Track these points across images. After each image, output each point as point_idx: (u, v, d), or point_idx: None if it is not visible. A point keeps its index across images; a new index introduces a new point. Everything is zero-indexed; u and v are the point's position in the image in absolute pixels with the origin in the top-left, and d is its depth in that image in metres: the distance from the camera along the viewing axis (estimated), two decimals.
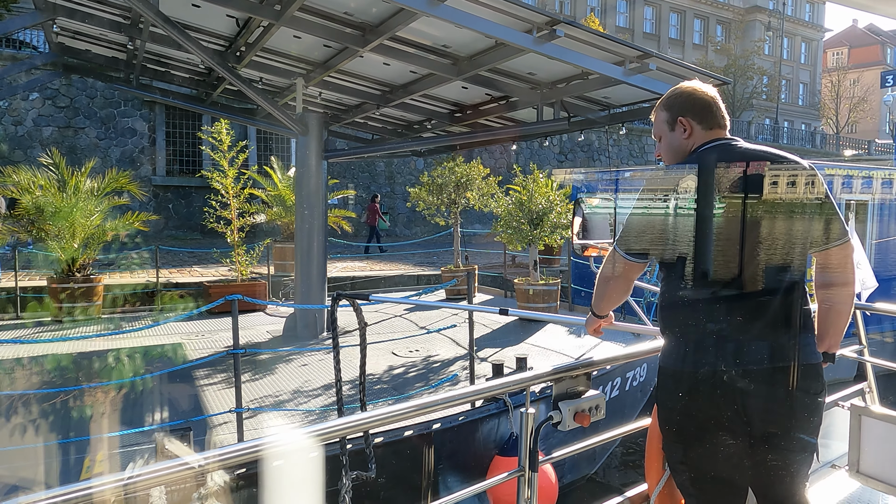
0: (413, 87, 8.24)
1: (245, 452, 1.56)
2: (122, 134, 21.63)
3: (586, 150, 30.81)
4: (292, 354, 7.61)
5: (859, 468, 3.14)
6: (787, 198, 2.06)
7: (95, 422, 5.11)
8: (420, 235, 23.31)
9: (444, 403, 2.17)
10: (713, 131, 2.19)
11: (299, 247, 8.61)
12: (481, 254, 17.84)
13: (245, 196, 11.34)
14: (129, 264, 12.85)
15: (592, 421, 2.27)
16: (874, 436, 3.09)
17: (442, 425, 5.25)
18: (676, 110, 2.21)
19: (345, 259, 16.91)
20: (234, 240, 11.14)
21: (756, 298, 2.03)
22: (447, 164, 11.18)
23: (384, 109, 9.75)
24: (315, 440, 1.67)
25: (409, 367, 7.17)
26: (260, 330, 9.04)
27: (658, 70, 6.53)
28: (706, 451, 2.12)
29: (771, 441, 2.05)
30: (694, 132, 2.19)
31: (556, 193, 9.52)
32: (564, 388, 2.30)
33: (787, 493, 2.14)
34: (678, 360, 2.11)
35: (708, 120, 2.19)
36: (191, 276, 13.61)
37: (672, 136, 2.24)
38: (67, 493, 1.28)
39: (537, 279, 9.47)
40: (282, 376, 6.76)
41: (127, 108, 21.81)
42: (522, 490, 2.20)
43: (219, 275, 13.06)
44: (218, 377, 6.64)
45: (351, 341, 8.37)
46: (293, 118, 8.26)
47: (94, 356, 7.30)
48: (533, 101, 7.91)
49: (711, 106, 2.19)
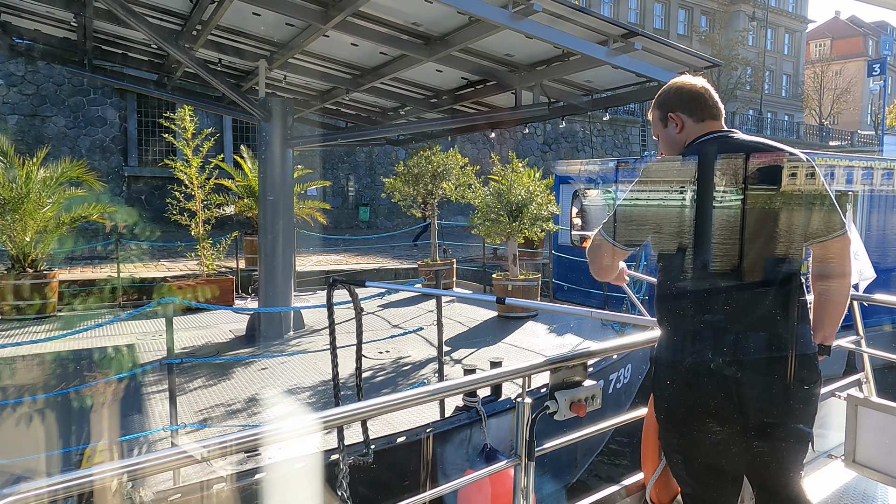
0: (384, 70, 7.72)
1: (247, 440, 1.57)
2: (92, 123, 20.82)
3: (570, 141, 30.39)
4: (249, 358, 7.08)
5: (855, 458, 3.13)
6: (785, 190, 2.03)
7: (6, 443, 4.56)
8: (401, 227, 22.78)
9: (444, 392, 2.15)
10: (705, 123, 2.18)
11: (263, 240, 8.08)
12: (462, 247, 17.35)
13: (211, 186, 10.75)
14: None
15: (589, 410, 2.28)
16: (870, 426, 3.09)
17: (407, 438, 4.77)
18: (666, 107, 2.23)
19: (320, 252, 16.36)
20: (199, 232, 10.56)
21: (753, 289, 2.04)
22: (423, 153, 10.66)
23: (356, 95, 9.23)
24: (316, 427, 1.71)
25: (376, 371, 6.68)
26: (223, 329, 8.51)
27: (644, 50, 6.06)
28: (701, 439, 2.12)
29: (766, 431, 2.06)
30: (686, 126, 2.19)
31: (536, 184, 9.04)
32: (561, 379, 2.30)
33: (782, 483, 2.15)
34: (674, 350, 2.11)
35: (699, 112, 2.18)
36: (157, 270, 13.02)
37: (666, 133, 2.25)
38: (69, 481, 1.30)
39: (516, 274, 9.01)
40: (237, 383, 6.24)
41: (97, 95, 21.00)
42: (519, 479, 2.18)
43: (187, 269, 12.49)
44: (163, 385, 6.09)
45: (320, 342, 7.88)
46: (255, 103, 7.71)
47: (28, 361, 6.72)
48: (511, 85, 7.42)
49: (700, 98, 2.19)
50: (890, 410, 3.02)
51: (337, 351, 4.14)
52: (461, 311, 9.53)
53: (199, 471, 4.25)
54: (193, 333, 8.25)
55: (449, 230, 21.60)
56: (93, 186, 10.57)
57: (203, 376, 6.31)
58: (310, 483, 4.22)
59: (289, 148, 8.07)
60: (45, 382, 5.94)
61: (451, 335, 8.11)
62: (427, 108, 9.14)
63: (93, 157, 20.35)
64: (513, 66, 7.26)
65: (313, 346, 7.58)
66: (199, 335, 8.15)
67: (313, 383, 6.18)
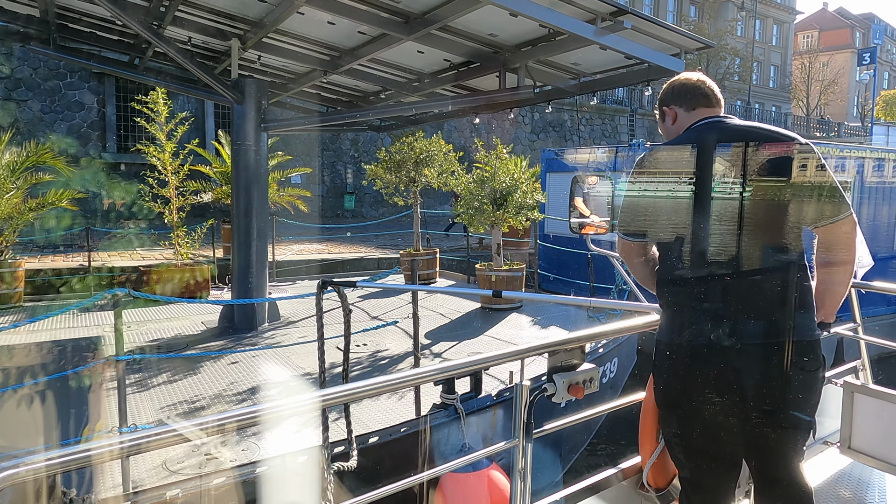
0: (362, 51, 7.37)
1: (244, 418, 1.58)
2: (69, 108, 20.25)
3: (558, 130, 30.12)
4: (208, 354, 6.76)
5: (851, 444, 3.16)
6: (788, 175, 1.99)
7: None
8: (387, 216, 22.44)
9: (436, 373, 2.12)
10: (697, 111, 2.20)
11: (236, 228, 7.74)
12: (448, 236, 17.05)
13: (185, 173, 10.37)
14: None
15: (587, 393, 2.29)
16: (866, 412, 3.11)
17: (380, 438, 4.49)
18: (662, 102, 2.30)
19: (302, 241, 16.02)
20: (174, 220, 10.18)
21: (754, 275, 2.01)
22: (406, 139, 10.33)
23: (335, 78, 8.87)
24: (313, 405, 1.74)
25: (353, 365, 6.38)
26: (195, 320, 8.18)
27: (634, 30, 5.77)
28: (700, 424, 2.11)
29: (766, 417, 2.04)
30: (678, 117, 2.24)
31: (521, 171, 8.75)
32: (559, 361, 2.32)
33: (781, 470, 2.14)
34: (675, 334, 2.10)
35: (689, 101, 2.21)
36: (131, 259, 12.63)
37: (665, 127, 2.30)
38: (67, 455, 1.29)
39: (500, 264, 8.73)
40: (203, 378, 5.93)
41: (73, 79, 20.42)
42: (517, 460, 2.17)
43: (162, 258, 12.12)
44: (133, 377, 5.77)
45: (295, 334, 7.57)
46: (227, 84, 7.35)
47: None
48: (495, 67, 7.10)
49: (691, 88, 2.22)
50: (886, 397, 3.04)
51: (349, 341, 4.06)
52: (444, 302, 9.25)
53: (154, 474, 3.96)
54: (164, 325, 7.92)
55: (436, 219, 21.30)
56: (63, 172, 10.17)
57: (167, 372, 5.98)
58: (293, 482, 3.99)
59: (263, 132, 7.72)
60: None
61: (433, 328, 7.84)
62: (409, 92, 8.80)
63: (70, 142, 19.83)
64: (497, 47, 6.94)
65: (287, 338, 7.27)
66: (169, 327, 7.82)
67: (283, 378, 5.89)
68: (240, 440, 4.46)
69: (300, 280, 11.64)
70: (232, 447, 4.35)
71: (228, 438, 4.44)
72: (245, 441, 4.44)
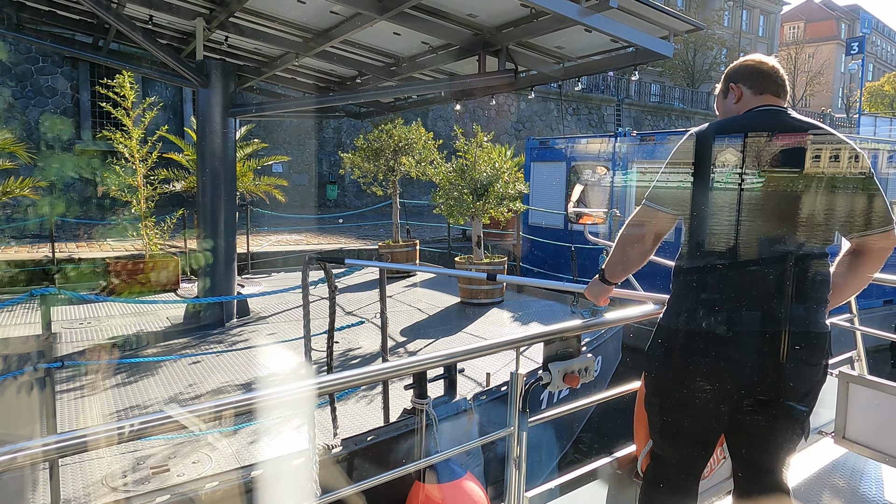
0: (335, 32, 6.97)
1: (241, 404, 1.57)
2: (41, 93, 19.61)
3: (544, 119, 29.80)
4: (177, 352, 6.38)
5: (845, 434, 3.19)
6: (836, 176, 1.96)
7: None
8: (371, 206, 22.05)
9: (426, 363, 2.09)
10: (764, 96, 2.12)
11: (202, 219, 7.35)
12: (430, 227, 16.69)
13: (154, 160, 9.92)
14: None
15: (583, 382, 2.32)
16: (861, 403, 3.13)
17: (344, 448, 4.15)
18: (730, 78, 2.22)
19: (280, 232, 15.60)
20: (141, 210, 9.74)
21: (785, 266, 1.96)
22: (385, 126, 9.93)
23: (310, 62, 8.46)
24: (311, 391, 1.69)
25: (322, 365, 6.02)
26: (160, 315, 7.78)
27: (620, 10, 5.42)
28: (687, 406, 2.08)
29: (761, 407, 2.03)
30: (744, 96, 2.15)
31: (503, 161, 8.40)
32: (555, 350, 2.31)
33: (767, 465, 2.14)
34: (678, 317, 2.08)
35: (759, 85, 2.13)
36: (100, 250, 12.17)
37: (725, 104, 2.23)
38: (64, 440, 1.29)
39: (481, 257, 8.39)
40: (161, 380, 5.56)
41: (46, 64, 19.77)
42: (513, 448, 2.17)
43: (133, 250, 11.68)
44: (78, 382, 5.38)
45: (264, 331, 7.20)
46: (191, 66, 6.93)
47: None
48: (475, 49, 6.73)
49: (764, 72, 2.14)
50: (881, 388, 3.06)
51: (334, 320, 4.11)
52: (422, 296, 8.91)
53: (93, 491, 3.60)
54: (125, 321, 7.52)
55: (420, 209, 20.94)
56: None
57: (121, 374, 5.60)
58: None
59: (231, 117, 7.32)
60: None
61: (408, 324, 7.49)
62: (387, 77, 8.41)
63: (42, 129, 19.25)
64: (476, 28, 6.57)
65: (256, 335, 6.91)
66: (130, 323, 7.42)
67: (246, 380, 5.53)
68: (191, 451, 4.10)
69: (276, 272, 11.25)
70: (182, 459, 4.00)
71: (178, 451, 4.08)
72: (197, 453, 4.08)
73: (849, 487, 3.07)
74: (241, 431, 4.42)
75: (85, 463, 3.87)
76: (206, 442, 4.18)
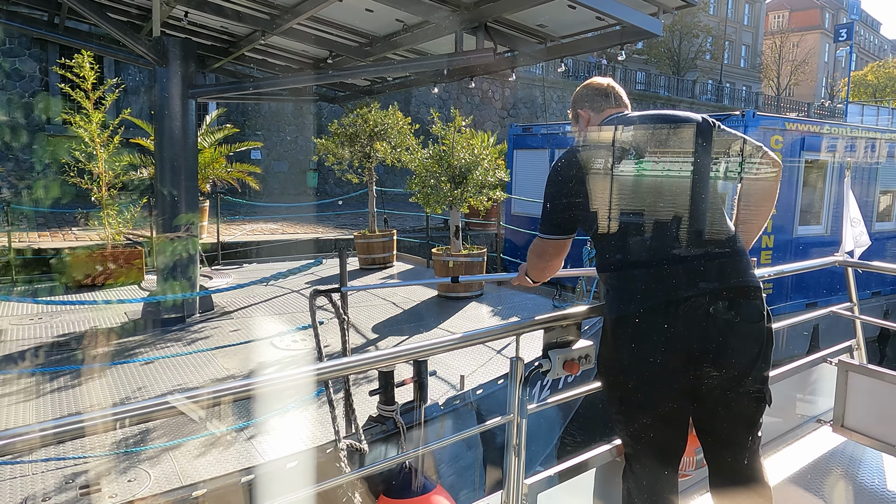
0: (302, 7, 6.51)
1: (239, 391, 1.57)
2: (8, 76, 18.84)
3: (529, 107, 29.40)
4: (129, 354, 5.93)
5: (844, 423, 3.22)
6: (683, 146, 2.12)
7: None
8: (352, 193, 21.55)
9: (432, 349, 2.02)
10: (605, 112, 2.36)
11: (160, 209, 6.88)
12: (410, 216, 16.24)
13: (115, 145, 9.39)
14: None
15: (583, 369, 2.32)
16: (860, 391, 3.16)
17: (301, 464, 3.76)
18: (576, 104, 2.46)
19: (254, 220, 15.10)
20: (103, 198, 9.23)
21: (689, 236, 2.06)
22: (360, 110, 9.47)
23: (279, 41, 7.99)
24: (310, 376, 1.70)
25: (288, 365, 5.62)
26: (117, 310, 7.31)
27: None
28: (644, 388, 2.10)
29: (715, 376, 2.06)
30: (591, 119, 2.39)
31: (484, 147, 7.98)
32: (555, 337, 2.32)
33: (736, 434, 2.16)
34: (626, 305, 2.11)
35: (600, 104, 2.38)
36: (64, 240, 11.63)
37: (579, 128, 2.44)
38: (59, 427, 1.29)
39: (459, 248, 7.99)
40: (109, 382, 5.12)
41: (13, 45, 19.01)
42: (512, 436, 2.17)
43: (98, 239, 11.15)
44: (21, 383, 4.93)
45: (227, 327, 6.78)
46: (146, 43, 6.44)
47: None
48: (452, 27, 6.30)
49: (602, 92, 2.39)
50: (880, 376, 3.08)
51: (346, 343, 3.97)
52: (398, 289, 8.50)
53: None
54: (81, 316, 7.04)
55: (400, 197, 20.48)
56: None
57: (66, 375, 5.15)
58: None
59: (191, 98, 6.84)
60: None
61: (381, 319, 7.09)
62: (360, 58, 7.95)
63: (10, 114, 18.56)
64: (454, 4, 6.14)
65: (218, 332, 6.48)
66: (86, 318, 6.95)
67: (202, 382, 5.10)
68: (129, 467, 3.69)
69: (248, 263, 10.78)
70: (116, 477, 3.58)
71: (112, 467, 3.67)
72: (134, 469, 3.67)
73: (847, 476, 3.08)
74: (183, 446, 4.01)
75: (4, 483, 3.44)
76: (144, 457, 3.76)
